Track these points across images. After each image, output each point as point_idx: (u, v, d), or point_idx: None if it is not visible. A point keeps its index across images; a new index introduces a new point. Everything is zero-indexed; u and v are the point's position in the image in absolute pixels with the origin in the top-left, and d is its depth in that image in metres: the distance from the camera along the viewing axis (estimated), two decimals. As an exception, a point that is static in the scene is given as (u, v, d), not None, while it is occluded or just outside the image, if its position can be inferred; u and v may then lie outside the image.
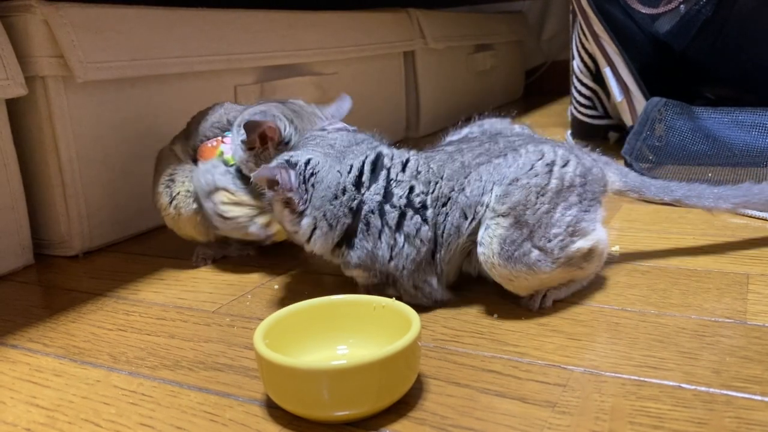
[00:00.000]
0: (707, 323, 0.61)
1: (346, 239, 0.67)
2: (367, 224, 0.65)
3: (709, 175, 1.08)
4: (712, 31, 1.38)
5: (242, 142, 0.78)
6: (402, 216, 0.65)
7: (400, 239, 0.65)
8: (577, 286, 0.69)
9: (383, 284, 0.69)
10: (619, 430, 0.47)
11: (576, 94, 1.52)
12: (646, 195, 0.75)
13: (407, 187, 0.66)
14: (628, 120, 1.30)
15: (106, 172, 0.98)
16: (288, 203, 0.66)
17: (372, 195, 0.65)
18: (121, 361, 0.62)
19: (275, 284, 0.79)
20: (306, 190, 0.66)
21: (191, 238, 0.88)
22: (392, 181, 0.66)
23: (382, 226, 0.65)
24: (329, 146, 0.68)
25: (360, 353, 0.57)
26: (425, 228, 0.65)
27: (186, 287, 0.81)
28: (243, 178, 0.80)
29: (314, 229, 0.66)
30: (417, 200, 0.65)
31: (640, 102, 1.27)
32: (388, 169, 0.67)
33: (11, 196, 0.90)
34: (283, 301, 0.74)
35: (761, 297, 0.66)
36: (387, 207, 0.65)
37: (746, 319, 0.62)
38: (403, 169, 0.67)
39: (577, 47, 1.47)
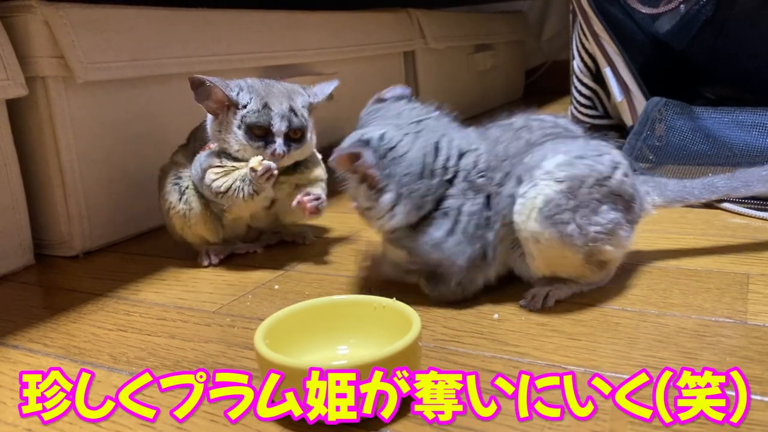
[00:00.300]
0: (707, 323, 0.61)
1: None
2: (445, 215, 0.65)
3: (710, 175, 1.08)
4: (712, 31, 1.38)
5: (210, 114, 0.81)
6: (471, 216, 0.65)
7: (467, 237, 0.65)
8: (577, 288, 0.69)
9: (411, 273, 0.69)
10: (619, 431, 0.47)
11: (576, 94, 1.51)
12: (690, 201, 0.74)
13: (479, 189, 0.66)
14: (628, 120, 1.29)
15: (106, 172, 0.98)
16: (365, 179, 0.66)
17: (456, 191, 0.65)
18: (122, 362, 0.62)
19: (276, 284, 0.79)
20: (385, 165, 0.65)
21: (200, 239, 0.88)
22: (468, 180, 0.66)
23: (456, 222, 0.65)
24: (396, 116, 0.68)
25: (360, 353, 0.57)
26: (481, 222, 0.65)
27: (186, 287, 0.81)
28: (225, 155, 0.82)
29: (395, 205, 0.66)
30: (480, 206, 0.65)
31: (640, 102, 1.27)
32: (467, 163, 0.66)
33: (11, 196, 0.90)
34: (284, 302, 0.74)
35: (761, 297, 0.66)
36: (465, 207, 0.65)
37: (746, 319, 0.62)
38: (477, 164, 0.66)
39: (577, 47, 1.47)
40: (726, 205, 0.95)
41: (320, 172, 0.88)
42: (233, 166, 0.81)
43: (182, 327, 0.69)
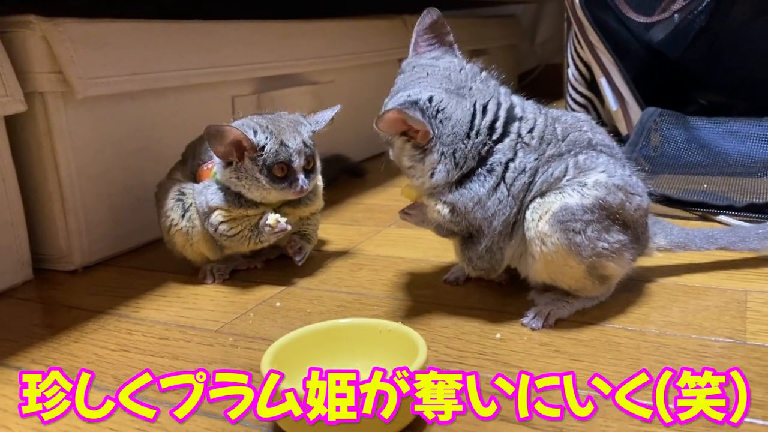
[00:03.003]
0: (708, 343, 0.62)
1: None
2: (490, 172, 0.65)
3: (704, 186, 1.09)
4: (705, 41, 1.40)
5: (220, 159, 0.80)
6: (520, 173, 0.66)
7: (510, 199, 0.66)
8: (579, 305, 0.70)
9: (450, 233, 0.70)
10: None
11: (571, 102, 1.52)
12: (692, 248, 0.76)
13: (530, 150, 0.66)
14: (623, 129, 1.30)
15: (105, 186, 0.97)
16: (410, 139, 0.66)
17: (505, 149, 0.65)
18: (127, 384, 0.62)
19: (277, 301, 0.79)
20: (435, 126, 0.64)
21: (201, 256, 0.88)
22: (521, 141, 0.66)
23: (500, 180, 0.65)
24: (446, 79, 0.67)
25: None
26: (525, 184, 0.66)
27: (188, 304, 0.81)
28: (234, 194, 0.81)
29: (438, 164, 0.65)
30: (530, 166, 0.66)
31: (635, 111, 1.28)
32: (519, 126, 0.66)
33: (10, 211, 0.89)
34: (286, 320, 0.74)
35: (760, 315, 0.67)
36: (511, 165, 0.65)
37: (746, 338, 0.62)
38: (531, 130, 0.67)
39: (572, 55, 1.48)
40: (722, 218, 0.96)
41: (319, 203, 0.89)
42: (241, 213, 0.82)
43: (185, 347, 0.69)
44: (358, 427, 0.48)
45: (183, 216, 0.85)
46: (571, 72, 1.50)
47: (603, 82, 1.31)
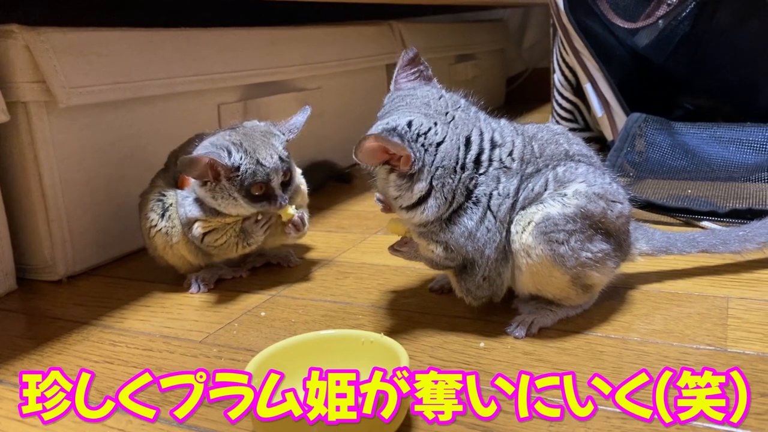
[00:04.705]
0: (689, 351, 0.63)
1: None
2: (476, 203, 0.65)
3: (689, 191, 1.10)
4: (690, 46, 1.41)
5: (195, 178, 0.79)
6: (504, 198, 0.65)
7: (497, 225, 0.65)
8: (562, 314, 0.70)
9: (445, 268, 0.69)
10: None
11: (557, 107, 1.53)
12: (673, 252, 0.77)
13: (512, 174, 0.66)
14: (608, 134, 1.31)
15: (89, 195, 0.97)
16: (393, 169, 0.64)
17: (488, 180, 0.65)
18: (109, 397, 0.62)
19: (262, 311, 0.79)
20: (418, 150, 0.63)
21: (183, 260, 0.88)
22: (503, 167, 0.66)
23: (487, 209, 0.65)
24: (425, 105, 0.66)
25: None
26: (509, 207, 0.66)
27: (172, 314, 0.81)
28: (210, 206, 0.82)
29: (426, 196, 0.64)
30: (512, 188, 0.66)
31: (620, 117, 1.28)
32: (500, 152, 0.66)
33: (-7, 222, 0.89)
34: (271, 330, 0.74)
35: (741, 322, 0.68)
36: (495, 193, 0.65)
37: (727, 346, 0.63)
38: (511, 153, 0.66)
39: (557, 61, 1.49)
40: (705, 223, 0.96)
41: (302, 199, 0.89)
42: (219, 222, 0.82)
43: (169, 358, 0.69)
44: (355, 428, 0.48)
45: (162, 216, 0.85)
46: (557, 77, 1.50)
47: (588, 87, 1.31)
